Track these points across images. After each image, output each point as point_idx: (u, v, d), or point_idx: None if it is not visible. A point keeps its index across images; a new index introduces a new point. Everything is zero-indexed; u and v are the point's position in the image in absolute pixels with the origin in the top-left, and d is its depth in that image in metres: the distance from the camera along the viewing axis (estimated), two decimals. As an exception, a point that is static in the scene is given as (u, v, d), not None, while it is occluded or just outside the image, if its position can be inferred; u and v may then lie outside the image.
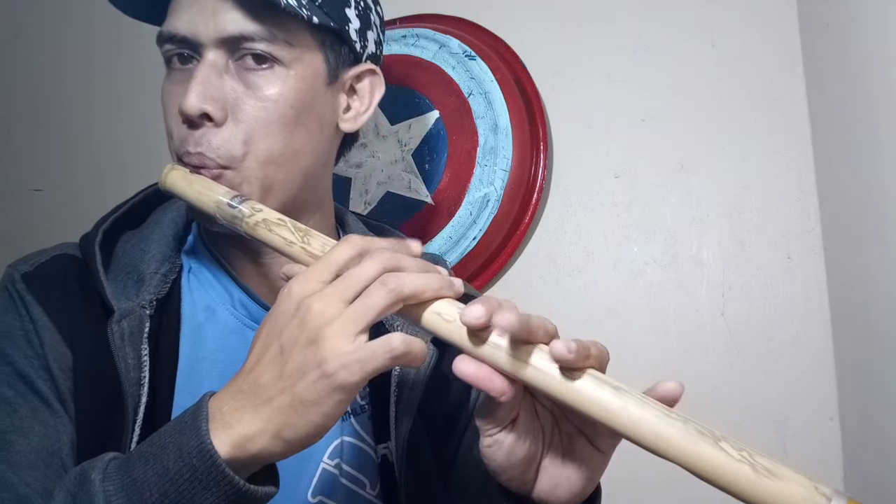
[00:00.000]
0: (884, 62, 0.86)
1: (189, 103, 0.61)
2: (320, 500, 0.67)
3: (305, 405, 0.47)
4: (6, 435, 0.58)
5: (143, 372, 0.61)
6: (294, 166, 0.66)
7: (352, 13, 0.68)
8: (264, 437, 0.47)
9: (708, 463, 0.44)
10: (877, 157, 0.89)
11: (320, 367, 0.46)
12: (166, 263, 0.67)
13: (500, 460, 0.51)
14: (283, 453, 0.49)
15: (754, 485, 0.42)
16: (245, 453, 0.48)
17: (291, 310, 0.49)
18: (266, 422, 0.47)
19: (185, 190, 0.63)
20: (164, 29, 0.64)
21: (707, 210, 1.13)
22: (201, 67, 0.62)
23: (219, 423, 0.48)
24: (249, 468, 0.49)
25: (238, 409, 0.48)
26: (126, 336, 0.62)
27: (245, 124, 0.63)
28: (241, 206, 0.59)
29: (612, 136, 1.18)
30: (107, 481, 0.48)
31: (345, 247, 0.51)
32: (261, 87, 0.63)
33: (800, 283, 1.08)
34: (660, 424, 0.45)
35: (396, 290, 0.48)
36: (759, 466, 0.43)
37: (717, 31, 1.15)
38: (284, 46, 0.63)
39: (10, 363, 0.60)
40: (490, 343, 0.48)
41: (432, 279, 0.50)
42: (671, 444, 0.44)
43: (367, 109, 0.72)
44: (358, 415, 0.71)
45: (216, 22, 0.62)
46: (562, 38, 1.21)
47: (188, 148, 0.63)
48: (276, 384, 0.48)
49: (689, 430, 0.44)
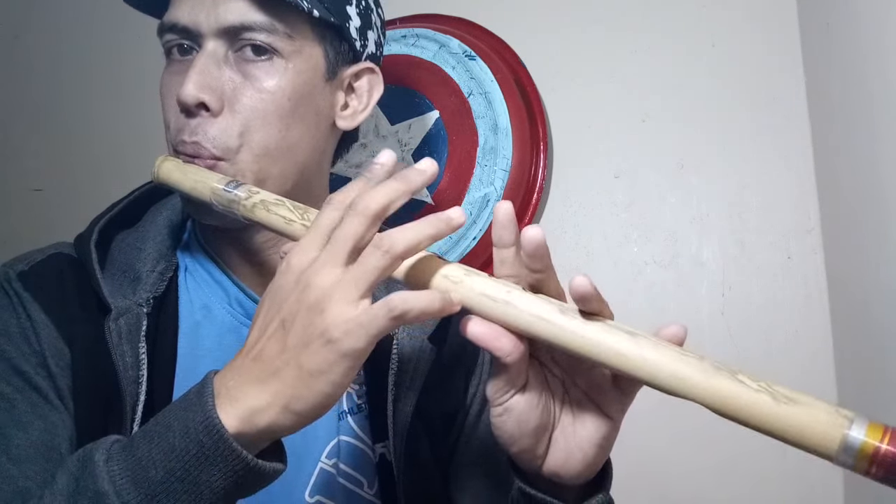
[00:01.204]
0: (884, 62, 0.86)
1: (186, 92, 0.60)
2: (318, 499, 0.67)
3: (313, 375, 0.46)
4: (5, 430, 0.58)
5: (141, 370, 0.61)
6: (289, 160, 0.65)
7: (353, 11, 0.68)
8: (273, 410, 0.47)
9: (727, 397, 0.43)
10: (877, 157, 0.89)
11: (324, 335, 0.46)
12: (162, 262, 0.67)
13: (510, 429, 0.51)
14: (292, 426, 0.48)
15: (776, 413, 0.42)
16: (253, 427, 0.47)
17: (291, 282, 0.48)
18: (274, 395, 0.47)
19: (180, 180, 0.62)
20: (166, 19, 0.64)
21: (707, 210, 1.13)
22: (200, 57, 0.62)
23: (225, 398, 0.47)
24: (257, 444, 0.48)
25: (244, 383, 0.47)
26: (123, 334, 0.61)
27: (242, 115, 0.62)
28: (236, 191, 0.58)
29: (612, 136, 1.18)
30: (111, 461, 0.47)
31: (328, 209, 0.50)
32: (259, 79, 0.63)
33: (800, 283, 1.08)
34: (678, 365, 0.44)
35: (390, 249, 0.47)
36: (779, 395, 0.42)
37: (717, 31, 1.15)
38: (284, 38, 0.63)
39: (8, 360, 0.60)
40: (499, 300, 0.47)
41: (423, 226, 0.49)
42: (690, 382, 0.44)
43: (365, 108, 0.71)
44: (355, 414, 0.71)
45: (217, 12, 0.62)
46: (562, 38, 1.21)
47: (184, 137, 0.63)
48: (280, 356, 0.47)
49: (706, 366, 0.44)
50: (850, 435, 0.40)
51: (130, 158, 1.44)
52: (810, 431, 0.41)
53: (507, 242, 0.49)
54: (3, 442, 0.57)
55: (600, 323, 0.46)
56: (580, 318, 0.46)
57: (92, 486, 0.47)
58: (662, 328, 0.47)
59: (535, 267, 0.48)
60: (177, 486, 0.46)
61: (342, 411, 0.70)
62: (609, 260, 1.16)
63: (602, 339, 0.45)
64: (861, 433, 0.40)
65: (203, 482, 0.46)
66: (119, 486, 0.46)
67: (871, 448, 0.39)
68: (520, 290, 0.48)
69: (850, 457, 0.40)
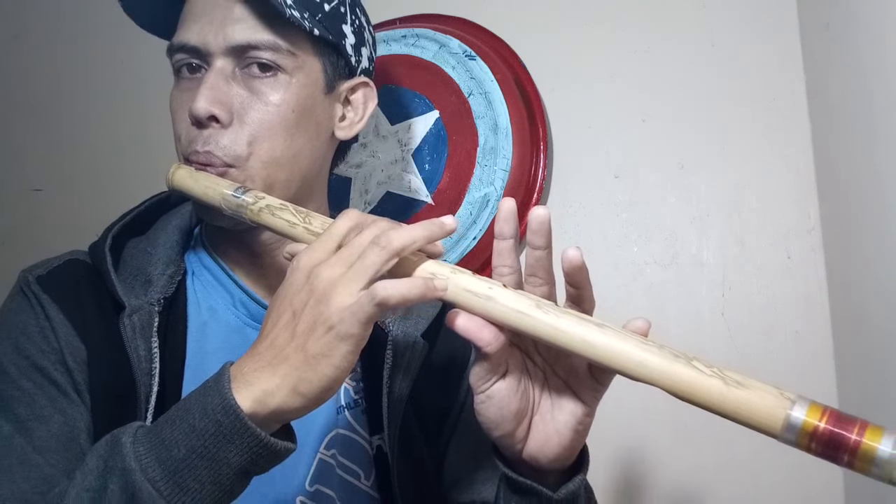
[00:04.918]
0: (884, 62, 0.86)
1: (198, 106, 0.66)
2: (317, 488, 0.71)
3: (317, 358, 0.51)
4: (27, 423, 0.62)
5: (153, 363, 0.66)
6: (294, 167, 0.71)
7: (348, 29, 0.74)
8: (282, 392, 0.51)
9: (684, 381, 0.48)
10: (877, 157, 0.89)
11: (326, 322, 0.51)
12: (172, 266, 0.72)
13: (492, 415, 0.56)
14: (300, 408, 0.52)
15: (725, 395, 0.46)
16: (265, 408, 0.51)
17: (301, 279, 0.53)
18: (283, 378, 0.52)
19: (192, 186, 0.67)
20: (175, 40, 0.70)
21: (707, 210, 1.13)
22: (210, 74, 0.67)
23: (240, 382, 0.52)
24: (270, 425, 0.53)
25: (257, 369, 0.53)
26: (137, 329, 0.66)
27: (250, 126, 0.68)
28: (244, 196, 0.64)
29: (612, 136, 1.18)
30: (137, 443, 0.52)
31: (344, 220, 0.56)
32: (265, 93, 0.68)
33: (800, 283, 1.08)
34: (641, 353, 0.49)
35: (387, 245, 0.52)
36: (729, 379, 0.47)
37: (717, 31, 1.15)
38: (288, 55, 0.69)
39: (28, 357, 0.64)
40: (482, 296, 0.52)
41: (417, 229, 0.54)
42: (651, 368, 0.49)
43: (360, 119, 0.78)
44: (352, 409, 0.75)
45: (225, 32, 0.67)
46: (562, 38, 1.21)
47: (196, 147, 0.68)
48: (290, 344, 0.52)
49: (665, 354, 0.49)
50: (792, 415, 0.44)
51: (130, 158, 1.45)
52: (757, 412, 0.46)
53: (506, 235, 0.54)
54: (26, 434, 0.61)
55: (573, 316, 0.52)
56: (555, 312, 0.51)
57: (120, 465, 0.51)
58: (631, 321, 0.53)
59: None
60: (198, 462, 0.50)
61: (340, 406, 0.74)
62: (609, 260, 1.16)
63: (574, 330, 0.51)
64: (802, 413, 0.44)
65: (221, 458, 0.51)
66: (145, 463, 0.51)
67: (810, 426, 0.44)
68: (500, 286, 0.53)
69: (792, 434, 0.44)
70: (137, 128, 1.42)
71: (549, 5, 1.22)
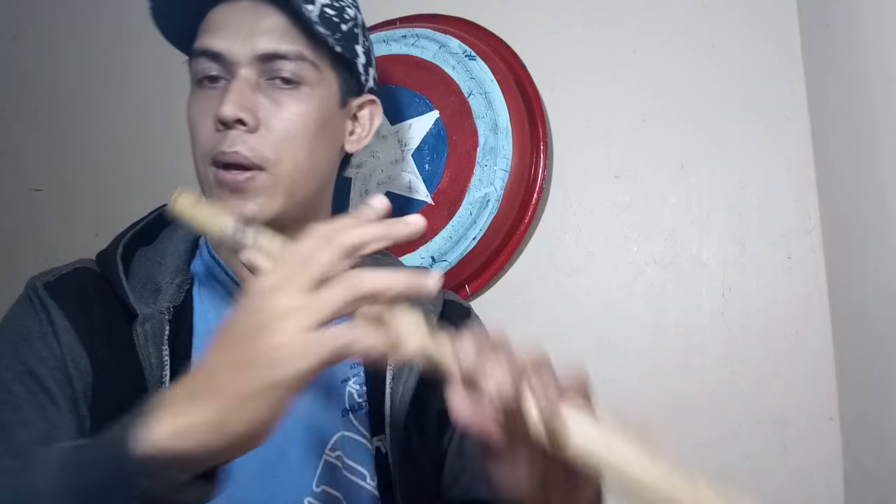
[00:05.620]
0: (884, 62, 0.86)
1: (226, 110, 0.67)
2: (324, 489, 0.71)
3: (246, 399, 0.45)
4: (10, 427, 0.62)
5: (164, 371, 0.67)
6: (314, 176, 0.73)
7: (360, 50, 0.77)
8: (204, 429, 0.46)
9: None
10: (877, 156, 0.89)
11: (265, 358, 0.45)
12: (180, 275, 0.73)
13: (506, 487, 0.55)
14: (225, 449, 0.46)
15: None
16: (185, 443, 0.46)
17: (252, 302, 0.48)
18: (213, 412, 0.46)
19: (192, 218, 0.63)
20: (199, 44, 0.70)
21: (707, 210, 1.13)
22: (236, 82, 0.68)
23: (168, 410, 0.47)
24: (193, 463, 0.47)
25: (186, 398, 0.47)
26: (149, 337, 0.67)
27: (275, 133, 0.69)
28: (243, 236, 0.59)
29: (612, 136, 1.18)
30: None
31: (307, 239, 0.49)
32: (289, 104, 0.70)
33: (800, 283, 1.08)
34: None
35: (357, 287, 0.47)
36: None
37: (717, 31, 1.15)
38: (311, 68, 0.71)
39: (24, 362, 0.65)
40: None
41: (397, 277, 0.48)
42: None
43: (367, 135, 0.80)
44: (356, 412, 0.75)
45: (252, 41, 0.69)
46: (562, 38, 1.21)
47: (223, 148, 0.68)
48: (224, 375, 0.46)
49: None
50: None
51: (130, 158, 1.45)
52: None
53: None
54: (5, 438, 0.61)
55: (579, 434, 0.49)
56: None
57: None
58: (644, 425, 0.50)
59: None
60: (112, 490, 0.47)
61: (345, 409, 0.74)
62: (609, 260, 1.16)
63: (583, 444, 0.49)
64: None
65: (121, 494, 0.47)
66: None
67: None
68: None
69: None
70: (137, 128, 1.42)
71: (549, 5, 1.22)
